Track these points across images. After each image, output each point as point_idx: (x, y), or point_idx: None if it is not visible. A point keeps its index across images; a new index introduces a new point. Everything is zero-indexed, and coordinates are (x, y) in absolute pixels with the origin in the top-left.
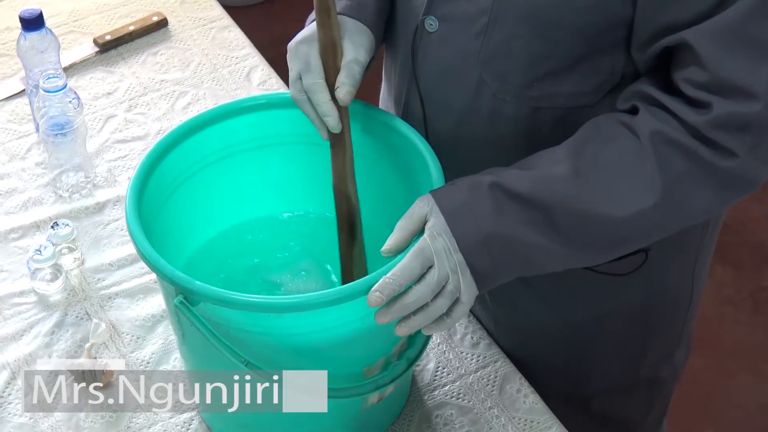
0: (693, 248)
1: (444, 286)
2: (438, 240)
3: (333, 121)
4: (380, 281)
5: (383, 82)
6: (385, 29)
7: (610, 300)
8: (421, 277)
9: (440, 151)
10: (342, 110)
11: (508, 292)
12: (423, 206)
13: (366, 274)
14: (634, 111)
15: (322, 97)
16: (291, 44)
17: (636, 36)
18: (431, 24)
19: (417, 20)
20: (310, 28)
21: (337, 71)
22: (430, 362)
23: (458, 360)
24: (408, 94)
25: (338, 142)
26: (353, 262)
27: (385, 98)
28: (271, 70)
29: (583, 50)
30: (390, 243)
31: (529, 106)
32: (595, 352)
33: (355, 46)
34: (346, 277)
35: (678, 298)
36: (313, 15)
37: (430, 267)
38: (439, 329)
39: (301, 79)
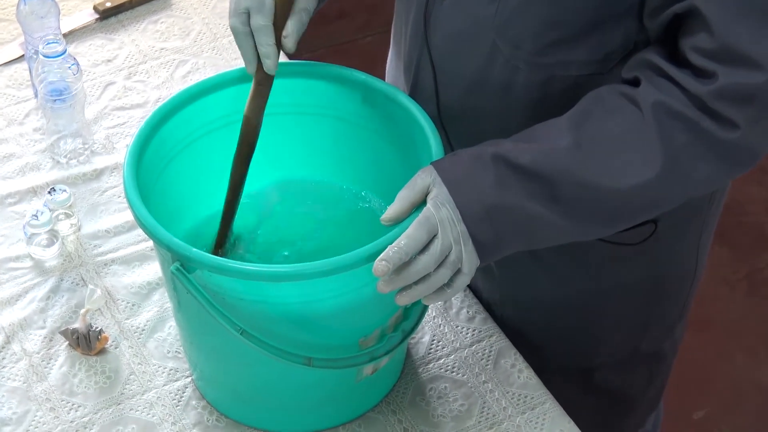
0: (699, 219)
1: (446, 257)
2: (442, 210)
3: (272, 63)
4: (387, 250)
5: (391, 52)
6: None
7: (617, 271)
8: (425, 247)
9: (451, 121)
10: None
11: (514, 261)
12: (425, 177)
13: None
14: (635, 82)
15: (268, 40)
16: None
17: (648, 2)
18: None
19: None
20: None
21: (286, 17)
22: (425, 335)
23: (453, 333)
24: (419, 63)
25: (267, 82)
26: (240, 184)
27: (392, 68)
28: None
29: (596, 16)
30: (390, 212)
31: (542, 74)
32: (599, 323)
33: None
34: (233, 198)
35: (683, 270)
36: None
37: (434, 237)
38: (439, 299)
39: (248, 13)
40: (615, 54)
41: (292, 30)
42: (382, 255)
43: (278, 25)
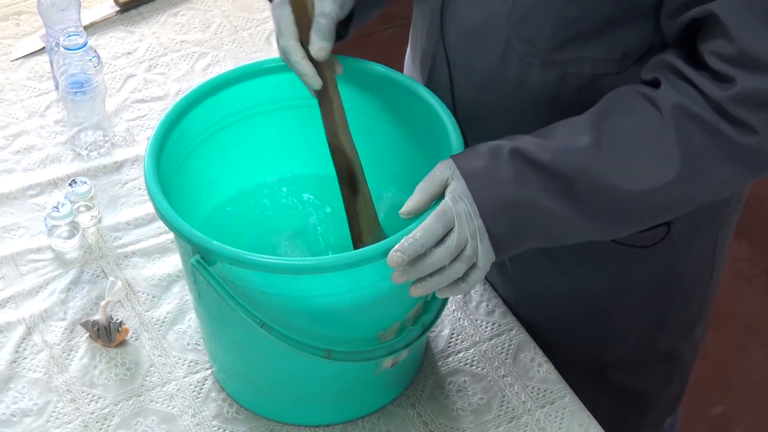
0: (715, 222)
1: (462, 251)
2: (459, 204)
3: (311, 79)
4: (402, 241)
5: (408, 48)
6: None
7: (630, 271)
8: (440, 240)
9: (466, 117)
10: (322, 65)
11: (528, 259)
12: (444, 170)
13: (377, 225)
14: (655, 83)
15: (296, 57)
16: (271, 6)
17: (666, 4)
18: None
19: None
20: None
21: (308, 28)
22: (444, 329)
23: (473, 327)
24: (434, 58)
25: (324, 97)
26: (358, 214)
27: (409, 64)
28: None
29: (612, 15)
30: (410, 204)
31: (556, 71)
32: (613, 322)
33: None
34: (354, 231)
35: (699, 272)
36: None
37: (450, 230)
38: (453, 293)
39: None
40: (631, 54)
41: (312, 38)
42: (397, 246)
43: (304, 39)
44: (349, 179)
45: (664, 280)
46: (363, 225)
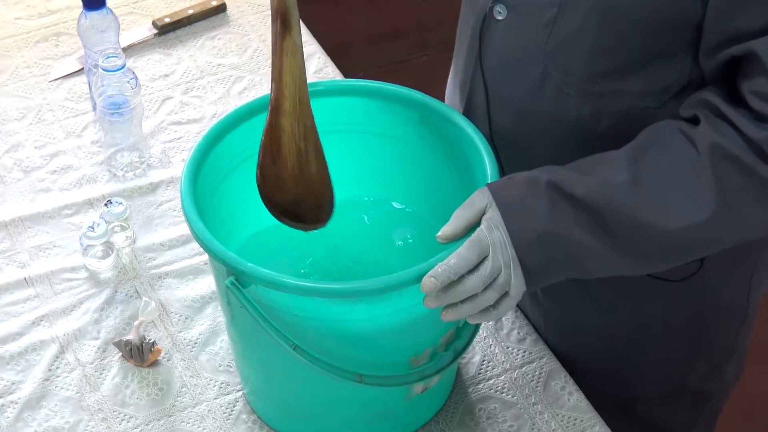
0: (750, 260)
1: (495, 279)
2: (495, 232)
3: None
4: (436, 267)
5: (451, 72)
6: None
7: (660, 305)
8: (474, 267)
9: (502, 144)
10: None
11: (560, 289)
12: (483, 198)
13: (300, 79)
14: (695, 121)
15: None
16: None
17: (705, 40)
18: (500, 12)
19: (486, 6)
20: None
21: None
22: (475, 355)
23: (504, 354)
24: (473, 83)
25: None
26: (282, 52)
27: (450, 87)
28: (328, 58)
29: (650, 48)
30: (447, 230)
31: (592, 103)
32: (641, 355)
33: None
34: (274, 68)
35: (731, 309)
36: None
37: (485, 258)
38: (484, 319)
39: None
40: (669, 89)
41: None
42: (431, 272)
43: None
44: (282, 18)
45: (695, 316)
46: (285, 63)
